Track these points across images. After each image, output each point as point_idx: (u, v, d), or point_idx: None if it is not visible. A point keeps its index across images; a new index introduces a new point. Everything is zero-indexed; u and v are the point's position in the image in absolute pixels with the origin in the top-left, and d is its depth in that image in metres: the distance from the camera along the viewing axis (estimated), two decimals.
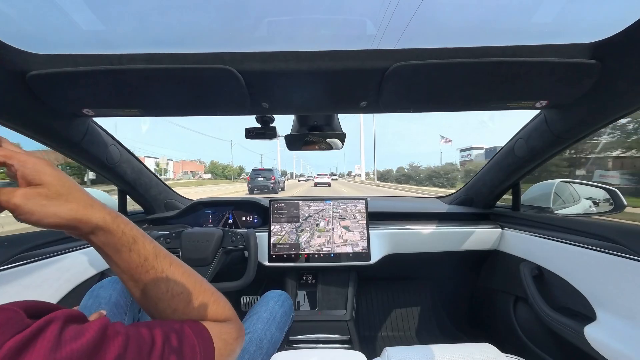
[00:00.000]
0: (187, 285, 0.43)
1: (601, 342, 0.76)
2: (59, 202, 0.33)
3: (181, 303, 0.42)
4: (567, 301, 0.92)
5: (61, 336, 0.28)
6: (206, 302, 0.44)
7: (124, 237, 0.38)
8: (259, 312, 0.89)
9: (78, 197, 0.35)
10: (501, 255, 1.30)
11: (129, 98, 0.78)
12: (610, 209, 1.20)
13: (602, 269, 0.80)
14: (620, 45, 0.61)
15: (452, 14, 0.64)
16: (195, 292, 0.43)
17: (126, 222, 0.39)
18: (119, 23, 0.66)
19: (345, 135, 1.07)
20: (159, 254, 0.41)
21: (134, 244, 0.39)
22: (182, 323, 0.39)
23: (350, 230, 1.28)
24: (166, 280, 0.41)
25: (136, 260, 0.39)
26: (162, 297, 0.41)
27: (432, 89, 0.76)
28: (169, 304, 0.41)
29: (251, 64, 0.65)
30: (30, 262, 0.82)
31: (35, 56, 0.64)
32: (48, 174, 0.33)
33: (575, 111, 0.81)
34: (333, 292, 1.38)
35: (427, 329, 1.63)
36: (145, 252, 0.40)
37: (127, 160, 1.17)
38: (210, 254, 1.07)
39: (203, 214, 1.47)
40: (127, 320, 0.84)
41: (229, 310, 0.46)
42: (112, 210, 0.39)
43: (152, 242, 0.42)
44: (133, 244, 0.39)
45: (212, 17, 0.64)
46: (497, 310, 1.34)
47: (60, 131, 0.85)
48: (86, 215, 0.35)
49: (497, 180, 1.28)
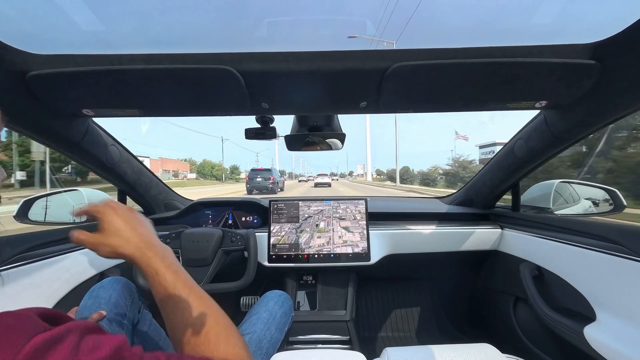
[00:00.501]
0: (202, 316, 0.45)
1: (601, 342, 0.76)
2: (111, 243, 0.47)
3: (194, 335, 0.44)
4: (567, 301, 0.92)
5: (79, 346, 0.29)
6: (219, 338, 0.45)
7: (148, 269, 0.47)
8: (258, 312, 0.89)
9: (123, 237, 0.47)
10: (501, 256, 1.30)
11: (129, 98, 0.78)
12: (610, 209, 1.20)
13: (602, 269, 0.80)
14: (619, 45, 0.61)
15: (451, 14, 0.64)
16: (209, 324, 0.45)
17: (152, 254, 0.47)
18: (119, 23, 0.66)
19: (345, 135, 1.07)
20: (178, 285, 0.47)
21: (156, 275, 0.46)
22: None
23: (350, 231, 1.28)
24: (182, 309, 0.45)
25: (159, 289, 0.46)
26: (178, 326, 0.45)
27: (432, 89, 0.76)
28: (184, 334, 0.44)
29: (251, 64, 0.66)
30: (30, 262, 0.82)
31: (35, 56, 0.64)
32: (112, 224, 0.47)
33: (575, 111, 0.81)
34: (333, 293, 1.38)
35: (427, 329, 1.63)
36: (165, 283, 0.46)
37: (126, 161, 1.17)
38: (210, 255, 1.06)
39: (203, 215, 1.47)
40: (127, 321, 0.84)
41: (241, 348, 0.46)
42: (145, 244, 0.48)
43: (175, 273, 0.48)
44: (155, 275, 0.46)
45: (212, 18, 0.64)
46: (497, 311, 1.34)
47: (60, 131, 0.85)
48: (122, 251, 0.47)
49: (496, 180, 1.28)
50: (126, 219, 0.49)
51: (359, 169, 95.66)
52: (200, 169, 55.04)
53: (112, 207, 0.49)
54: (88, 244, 0.47)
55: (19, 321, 0.29)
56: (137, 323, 0.91)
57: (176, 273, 0.48)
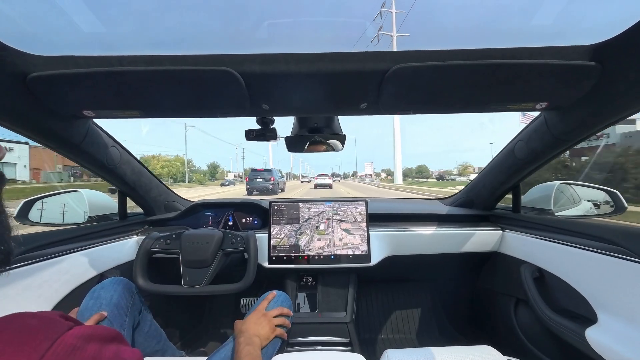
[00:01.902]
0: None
1: (603, 344, 0.76)
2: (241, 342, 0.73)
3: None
4: (568, 303, 0.92)
5: (101, 353, 0.30)
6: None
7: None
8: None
9: (242, 340, 0.73)
10: (502, 257, 1.30)
11: (129, 100, 0.78)
12: (611, 211, 1.20)
13: (603, 271, 0.80)
14: (620, 47, 0.61)
15: (451, 15, 0.64)
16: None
17: (247, 353, 0.68)
18: (119, 25, 0.66)
19: (346, 136, 1.07)
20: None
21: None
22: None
23: (351, 233, 1.27)
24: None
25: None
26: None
27: (432, 90, 0.76)
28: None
29: (251, 66, 0.66)
30: (31, 263, 0.82)
31: (36, 58, 0.64)
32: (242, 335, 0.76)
33: (576, 113, 0.81)
34: (333, 294, 1.38)
35: (427, 331, 1.63)
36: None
37: (127, 162, 1.17)
38: (210, 256, 1.06)
39: (203, 216, 1.47)
40: (128, 321, 0.84)
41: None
42: (247, 340, 0.73)
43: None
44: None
45: (212, 19, 0.65)
46: (497, 313, 1.33)
47: (60, 133, 0.85)
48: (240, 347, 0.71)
49: (497, 182, 1.28)
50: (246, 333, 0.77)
51: (366, 168, 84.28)
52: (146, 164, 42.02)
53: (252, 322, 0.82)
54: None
55: (42, 323, 0.28)
56: (137, 324, 0.91)
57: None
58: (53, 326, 0.29)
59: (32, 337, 0.26)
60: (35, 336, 0.27)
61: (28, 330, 0.27)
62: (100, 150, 1.02)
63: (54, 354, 0.26)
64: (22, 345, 0.25)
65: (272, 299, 0.93)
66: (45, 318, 0.29)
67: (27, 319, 0.29)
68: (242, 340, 0.73)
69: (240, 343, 0.72)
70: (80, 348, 0.28)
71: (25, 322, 0.28)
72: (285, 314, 0.91)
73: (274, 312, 0.88)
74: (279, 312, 0.89)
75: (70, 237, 1.00)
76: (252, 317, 0.84)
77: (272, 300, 0.94)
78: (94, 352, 0.28)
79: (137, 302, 0.92)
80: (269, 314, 0.86)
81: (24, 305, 0.79)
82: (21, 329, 0.27)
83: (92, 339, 0.30)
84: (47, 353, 0.26)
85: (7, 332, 0.26)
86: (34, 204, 1.20)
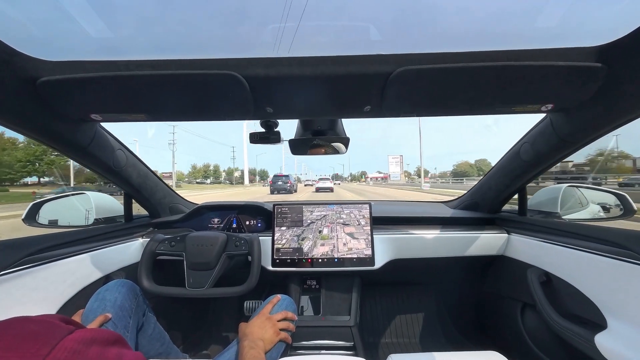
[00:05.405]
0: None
1: (613, 351, 0.74)
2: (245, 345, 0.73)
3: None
4: (577, 308, 0.90)
5: (103, 357, 0.30)
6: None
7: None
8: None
9: (246, 344, 0.74)
10: (507, 261, 1.28)
11: (136, 103, 0.79)
12: (620, 214, 1.18)
13: (612, 275, 0.78)
14: (626, 48, 0.60)
15: (455, 18, 0.64)
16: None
17: (251, 356, 0.69)
18: (126, 30, 0.67)
19: (349, 139, 1.07)
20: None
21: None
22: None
23: (355, 237, 1.27)
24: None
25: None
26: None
27: (436, 93, 0.76)
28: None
29: (255, 69, 0.66)
30: (37, 265, 0.83)
31: (45, 63, 0.66)
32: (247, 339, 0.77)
33: (582, 115, 0.80)
34: (337, 298, 1.37)
35: (432, 335, 1.61)
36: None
37: (133, 165, 1.19)
38: (213, 259, 1.07)
39: (207, 218, 1.47)
40: (132, 323, 0.84)
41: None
42: (251, 344, 0.74)
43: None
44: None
45: (217, 24, 0.65)
46: (504, 317, 1.31)
47: (68, 136, 0.87)
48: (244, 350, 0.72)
49: (502, 184, 1.27)
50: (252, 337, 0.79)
51: (391, 165, 62.16)
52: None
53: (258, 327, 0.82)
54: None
55: (42, 328, 0.28)
56: (141, 326, 0.91)
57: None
58: (53, 331, 0.28)
59: (32, 342, 0.26)
60: (35, 341, 0.27)
61: (28, 335, 0.27)
62: (107, 153, 1.04)
63: (54, 359, 0.26)
64: (22, 350, 0.25)
65: (277, 303, 0.93)
66: (45, 322, 0.29)
67: (27, 323, 0.29)
68: (246, 343, 0.72)
69: (244, 346, 0.71)
70: (82, 352, 0.27)
71: (25, 327, 0.28)
72: (289, 318, 0.90)
73: (278, 316, 0.88)
74: (284, 316, 0.89)
75: (76, 239, 1.01)
76: (257, 320, 0.84)
77: (277, 304, 0.94)
78: (95, 355, 0.28)
79: (141, 304, 0.92)
80: (273, 318, 0.86)
81: (29, 306, 0.80)
82: (21, 334, 0.27)
83: (94, 342, 0.29)
84: (47, 358, 0.26)
85: (7, 337, 0.26)
86: (42, 206, 1.21)
